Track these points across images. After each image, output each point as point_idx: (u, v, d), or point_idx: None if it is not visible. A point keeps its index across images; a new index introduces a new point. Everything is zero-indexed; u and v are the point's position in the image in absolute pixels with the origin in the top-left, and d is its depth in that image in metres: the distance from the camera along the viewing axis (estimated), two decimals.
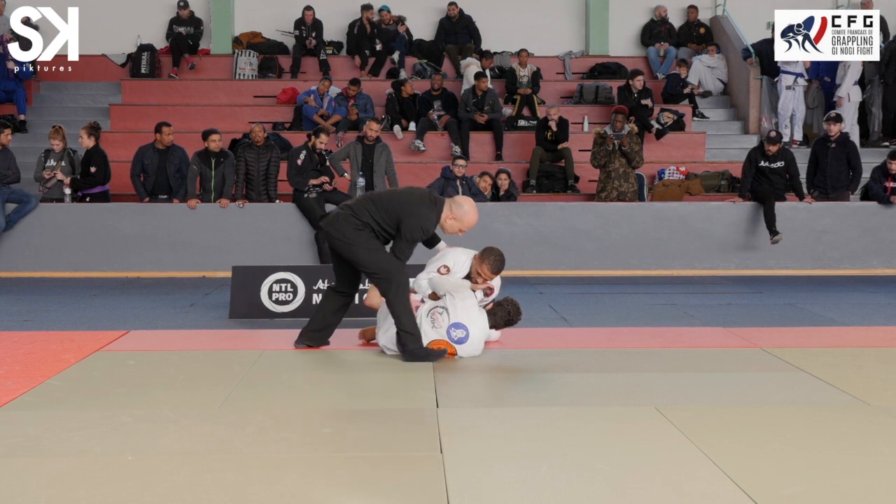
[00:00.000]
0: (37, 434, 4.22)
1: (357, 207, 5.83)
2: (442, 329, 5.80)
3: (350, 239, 5.74)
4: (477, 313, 5.89)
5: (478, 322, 5.87)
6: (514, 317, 6.07)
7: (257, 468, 3.75)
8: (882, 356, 5.99)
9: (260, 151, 11.02)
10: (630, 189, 11.35)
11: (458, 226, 5.83)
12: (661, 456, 3.92)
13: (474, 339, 5.84)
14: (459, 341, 5.81)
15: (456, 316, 5.82)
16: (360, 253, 5.74)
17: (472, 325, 5.83)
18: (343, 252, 5.82)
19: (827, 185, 11.27)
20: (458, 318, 5.81)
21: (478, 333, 5.86)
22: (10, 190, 10.58)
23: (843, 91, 13.18)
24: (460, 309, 5.84)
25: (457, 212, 5.81)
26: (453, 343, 5.80)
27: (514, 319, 6.08)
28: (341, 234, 5.76)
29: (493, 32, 15.57)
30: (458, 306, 5.85)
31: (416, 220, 5.73)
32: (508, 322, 6.08)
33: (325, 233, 5.89)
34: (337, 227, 5.79)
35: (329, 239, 5.88)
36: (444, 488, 3.50)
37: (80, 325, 7.25)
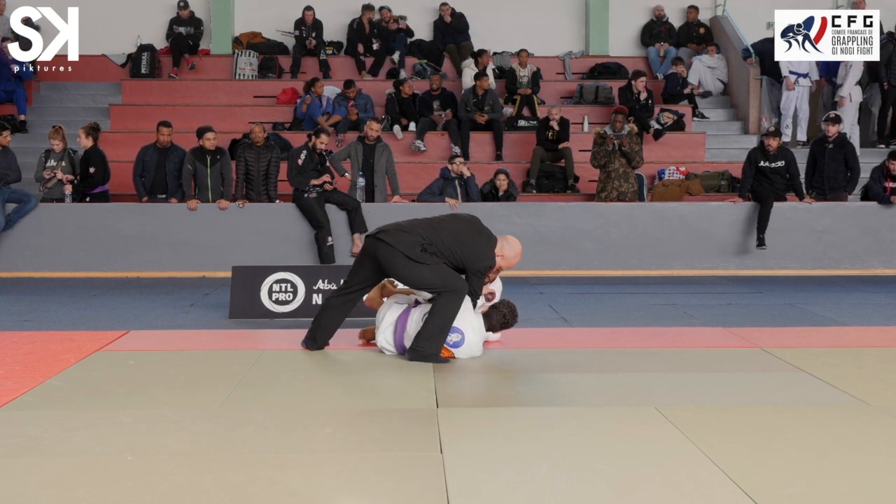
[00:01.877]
0: (37, 434, 4.22)
1: (427, 235, 5.73)
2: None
3: (419, 258, 5.63)
4: (472, 316, 5.88)
5: (473, 324, 5.86)
6: (509, 319, 6.05)
7: (257, 468, 3.75)
8: (882, 356, 5.99)
9: (260, 151, 11.02)
10: (630, 189, 11.35)
11: (502, 263, 5.90)
12: (661, 456, 3.92)
13: (471, 343, 5.84)
14: (455, 345, 5.80)
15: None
16: (426, 272, 5.64)
17: (467, 327, 5.82)
18: (400, 268, 5.67)
19: (824, 185, 11.27)
20: (454, 322, 5.80)
21: (474, 337, 5.85)
22: (10, 190, 10.59)
23: (846, 91, 13.18)
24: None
25: (507, 252, 5.88)
26: (449, 347, 5.80)
27: (509, 322, 6.06)
28: (409, 251, 5.63)
29: (493, 32, 15.57)
30: None
31: (483, 262, 5.80)
32: (504, 325, 6.07)
33: (381, 243, 5.71)
34: (403, 243, 5.66)
35: (383, 250, 5.70)
36: (444, 488, 3.50)
37: (80, 325, 7.25)
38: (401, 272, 5.69)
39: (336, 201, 10.71)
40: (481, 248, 5.78)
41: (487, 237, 5.87)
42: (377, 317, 6.07)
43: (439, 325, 5.65)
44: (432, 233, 5.75)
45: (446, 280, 5.66)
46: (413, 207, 11.10)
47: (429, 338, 5.66)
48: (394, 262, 5.66)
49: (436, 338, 5.67)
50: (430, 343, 5.67)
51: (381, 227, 5.91)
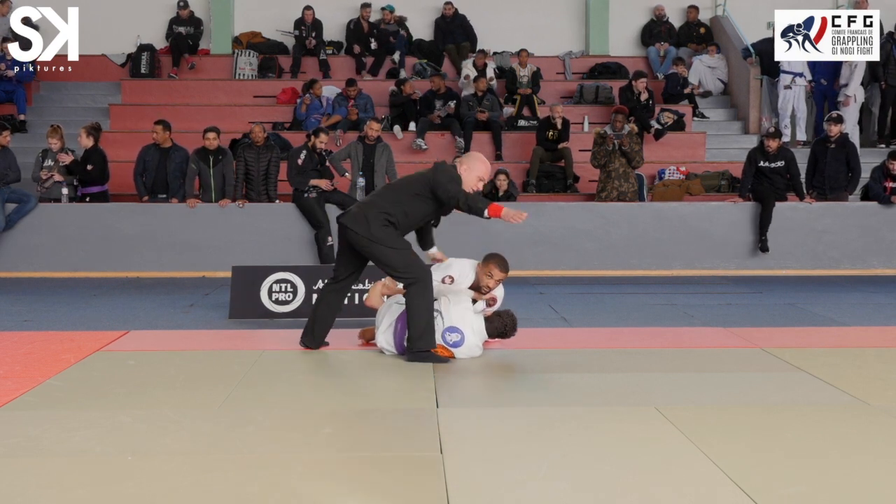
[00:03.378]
0: (37, 434, 4.22)
1: (379, 201, 5.81)
2: (437, 333, 5.79)
3: (377, 237, 5.69)
4: (472, 316, 5.88)
5: (473, 325, 5.85)
6: (508, 331, 6.02)
7: (257, 468, 3.75)
8: (882, 356, 5.99)
9: (260, 151, 11.02)
10: (630, 189, 11.35)
11: (474, 174, 5.84)
12: (661, 456, 3.92)
13: (470, 343, 5.83)
14: (455, 345, 5.80)
15: (450, 320, 5.81)
16: (387, 252, 5.70)
17: (467, 327, 5.82)
18: (366, 249, 5.76)
19: (825, 185, 11.27)
20: (453, 322, 5.80)
21: (473, 338, 5.85)
22: (10, 190, 10.59)
23: (851, 91, 13.18)
24: (454, 312, 5.83)
25: (470, 163, 5.87)
26: (448, 346, 5.80)
27: (507, 334, 6.03)
28: (367, 231, 5.70)
29: (493, 32, 15.56)
30: (452, 310, 5.83)
31: (443, 174, 5.74)
32: (501, 335, 6.03)
33: (346, 229, 5.80)
34: (360, 225, 5.72)
35: (349, 235, 5.79)
36: (444, 488, 3.50)
37: (80, 325, 7.25)
38: (369, 254, 5.79)
39: (335, 201, 10.71)
40: (442, 174, 5.75)
41: (446, 168, 5.85)
42: (377, 317, 6.07)
43: (423, 322, 5.68)
44: (392, 195, 5.84)
45: (409, 267, 5.68)
46: None
47: (419, 337, 5.68)
48: (361, 245, 5.76)
49: (425, 335, 5.69)
50: (422, 341, 5.68)
51: (346, 209, 6.05)
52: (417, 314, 5.68)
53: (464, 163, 5.90)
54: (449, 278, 5.93)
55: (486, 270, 5.96)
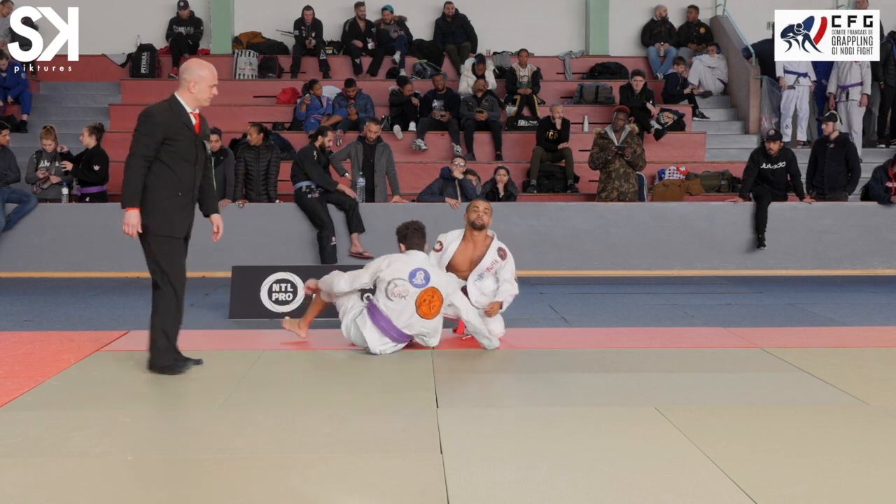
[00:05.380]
0: (37, 434, 4.22)
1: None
2: (402, 296, 5.88)
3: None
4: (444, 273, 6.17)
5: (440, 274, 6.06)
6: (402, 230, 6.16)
7: (257, 468, 3.75)
8: (882, 356, 5.99)
9: (260, 151, 11.01)
10: (630, 189, 11.36)
11: (201, 87, 5.27)
12: (661, 456, 3.92)
13: (439, 281, 5.96)
14: (419, 286, 5.90)
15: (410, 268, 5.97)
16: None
17: (432, 271, 5.99)
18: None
19: (824, 185, 11.28)
20: (415, 266, 5.96)
21: (440, 278, 5.99)
22: (10, 190, 10.59)
23: (867, 88, 13.20)
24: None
25: (188, 77, 5.30)
26: (415, 287, 5.86)
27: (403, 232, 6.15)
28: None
29: (493, 32, 15.56)
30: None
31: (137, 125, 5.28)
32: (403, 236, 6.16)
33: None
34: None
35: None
36: (444, 488, 3.50)
37: (80, 325, 7.25)
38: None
39: (334, 201, 10.71)
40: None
41: (140, 116, 5.41)
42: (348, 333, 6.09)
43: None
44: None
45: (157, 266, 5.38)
46: (413, 207, 11.09)
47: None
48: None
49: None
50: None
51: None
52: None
53: (183, 77, 5.31)
54: (438, 244, 6.46)
55: (471, 209, 6.47)
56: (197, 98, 5.31)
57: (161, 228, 5.25)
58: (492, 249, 6.47)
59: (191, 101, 5.31)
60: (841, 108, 13.22)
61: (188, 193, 5.32)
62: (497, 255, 6.45)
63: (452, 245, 6.50)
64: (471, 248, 6.50)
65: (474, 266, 6.47)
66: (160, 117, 5.22)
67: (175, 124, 5.23)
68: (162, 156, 5.20)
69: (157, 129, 5.18)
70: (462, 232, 6.56)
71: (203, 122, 5.44)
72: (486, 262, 6.44)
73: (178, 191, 5.26)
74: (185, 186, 5.29)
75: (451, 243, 6.51)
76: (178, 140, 5.21)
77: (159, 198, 5.21)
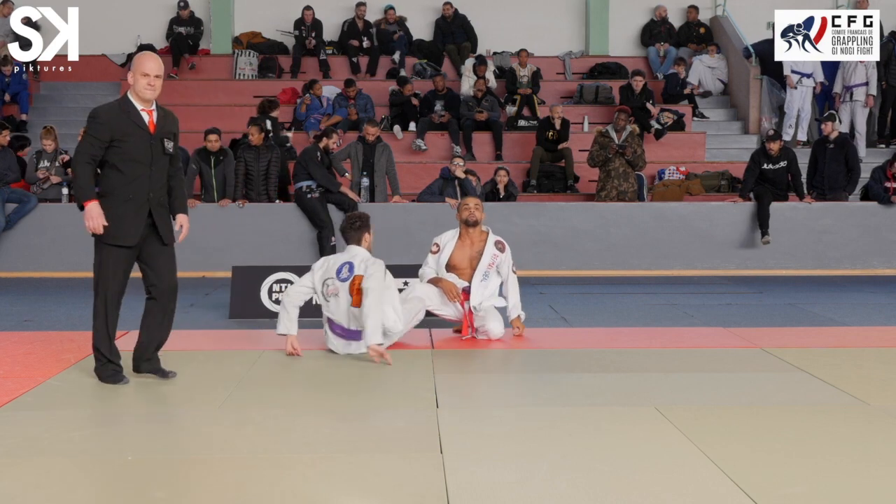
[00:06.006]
0: (37, 434, 4.22)
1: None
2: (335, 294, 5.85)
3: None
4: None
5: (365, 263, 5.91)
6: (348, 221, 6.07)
7: (257, 468, 3.75)
8: (882, 356, 5.99)
9: (259, 151, 11.00)
10: (630, 189, 11.36)
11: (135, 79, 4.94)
12: (661, 456, 3.92)
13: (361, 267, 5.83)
14: (345, 279, 5.82)
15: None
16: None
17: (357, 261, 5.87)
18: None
19: (824, 185, 11.28)
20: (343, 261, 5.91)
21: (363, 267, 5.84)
22: (10, 190, 10.59)
23: (873, 89, 13.20)
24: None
25: (132, 67, 5.04)
26: (342, 281, 5.82)
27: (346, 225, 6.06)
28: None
29: (493, 32, 15.55)
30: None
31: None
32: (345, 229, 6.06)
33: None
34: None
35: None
36: (444, 488, 3.50)
37: (80, 325, 7.24)
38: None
39: (334, 201, 10.71)
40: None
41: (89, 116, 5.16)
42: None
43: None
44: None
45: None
46: (413, 207, 11.10)
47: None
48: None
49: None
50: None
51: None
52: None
53: (132, 71, 5.01)
54: (435, 245, 6.52)
55: (462, 207, 6.57)
56: (135, 92, 4.94)
57: (107, 236, 4.93)
58: (489, 244, 6.49)
59: (135, 97, 4.96)
60: (845, 109, 13.22)
61: (141, 196, 4.97)
62: (496, 248, 6.49)
63: (449, 245, 6.52)
64: (468, 246, 6.52)
65: (475, 264, 6.48)
66: (104, 117, 4.93)
67: (122, 123, 4.91)
68: (111, 157, 4.91)
69: (101, 130, 4.90)
70: (457, 231, 6.61)
71: (163, 120, 5.06)
72: (486, 258, 6.46)
73: (129, 194, 4.94)
74: (138, 189, 4.95)
75: (448, 243, 6.53)
76: (126, 140, 4.90)
77: (108, 203, 4.92)
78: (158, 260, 5.15)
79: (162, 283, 5.16)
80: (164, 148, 5.05)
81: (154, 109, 5.03)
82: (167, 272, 5.18)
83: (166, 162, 5.09)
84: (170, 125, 5.13)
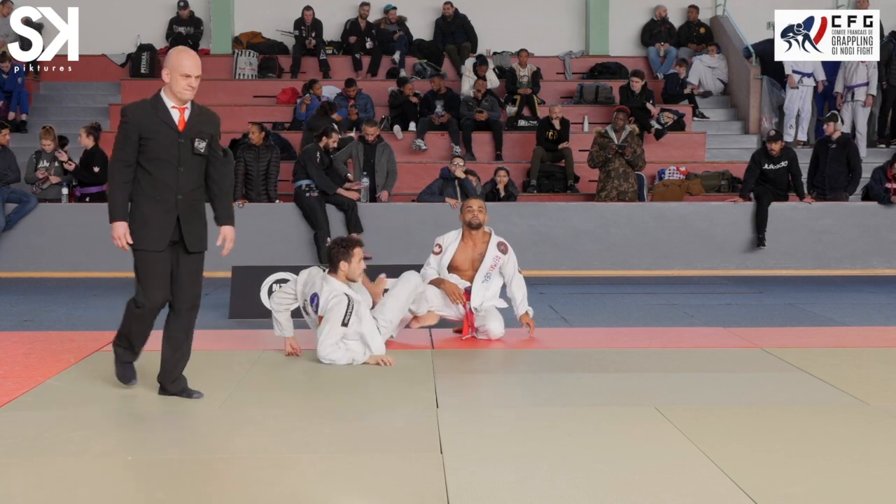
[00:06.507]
0: (37, 434, 4.22)
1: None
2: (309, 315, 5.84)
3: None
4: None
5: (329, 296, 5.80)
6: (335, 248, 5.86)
7: (257, 468, 3.75)
8: (882, 356, 5.99)
9: (259, 151, 11.01)
10: (630, 189, 11.36)
11: (173, 77, 4.71)
12: (661, 456, 3.92)
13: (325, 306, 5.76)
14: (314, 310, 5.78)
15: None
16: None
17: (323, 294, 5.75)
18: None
19: (825, 185, 11.28)
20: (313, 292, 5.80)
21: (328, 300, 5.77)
22: (9, 190, 10.59)
23: (873, 89, 13.20)
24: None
25: (165, 67, 4.78)
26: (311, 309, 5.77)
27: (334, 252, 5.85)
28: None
29: (493, 32, 15.55)
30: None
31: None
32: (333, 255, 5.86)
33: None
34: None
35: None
36: (444, 488, 3.50)
37: (80, 325, 7.25)
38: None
39: (333, 201, 10.71)
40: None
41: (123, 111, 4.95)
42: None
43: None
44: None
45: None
46: (413, 207, 11.10)
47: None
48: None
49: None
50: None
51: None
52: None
53: (166, 67, 4.76)
54: (437, 246, 6.52)
55: (465, 209, 6.57)
56: (171, 90, 4.72)
57: (136, 240, 4.77)
58: (492, 246, 6.50)
59: (170, 94, 4.73)
60: (846, 109, 13.22)
61: (169, 198, 4.72)
62: (498, 250, 6.49)
63: (452, 246, 6.52)
64: (470, 247, 6.53)
65: (476, 265, 6.49)
66: (131, 115, 4.71)
67: (151, 122, 4.68)
68: (140, 158, 4.70)
69: (129, 129, 4.69)
70: (459, 232, 6.60)
71: (196, 118, 4.79)
72: (488, 260, 6.47)
73: (156, 196, 4.72)
74: (164, 191, 4.71)
75: (451, 245, 6.54)
76: (153, 139, 4.67)
77: (136, 205, 4.76)
78: (181, 269, 4.84)
79: (181, 296, 4.85)
80: (195, 148, 4.73)
81: (187, 108, 4.77)
82: (189, 284, 4.87)
83: (199, 163, 4.79)
84: (205, 125, 4.82)
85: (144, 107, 4.76)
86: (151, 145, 4.68)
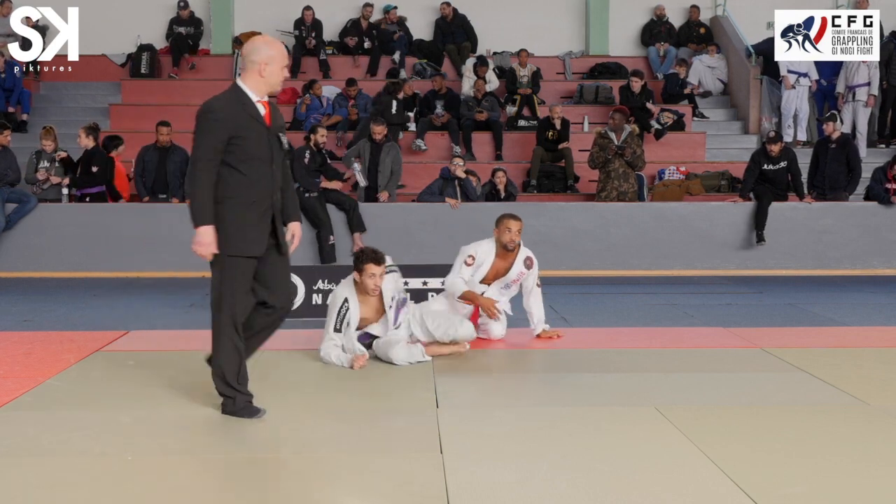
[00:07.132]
0: (37, 434, 4.22)
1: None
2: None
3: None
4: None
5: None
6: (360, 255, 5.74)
7: (258, 468, 3.75)
8: (882, 356, 5.99)
9: None
10: (630, 189, 11.36)
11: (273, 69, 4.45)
12: (661, 456, 3.92)
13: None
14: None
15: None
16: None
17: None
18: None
19: (825, 185, 11.28)
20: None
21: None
22: (10, 190, 10.59)
23: (875, 89, 13.21)
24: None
25: (256, 58, 4.44)
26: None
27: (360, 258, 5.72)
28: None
29: (493, 32, 15.55)
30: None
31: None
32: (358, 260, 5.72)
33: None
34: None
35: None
36: (444, 488, 3.50)
37: (80, 325, 7.25)
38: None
39: (334, 201, 10.72)
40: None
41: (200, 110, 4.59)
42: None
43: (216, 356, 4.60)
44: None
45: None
46: (413, 207, 11.10)
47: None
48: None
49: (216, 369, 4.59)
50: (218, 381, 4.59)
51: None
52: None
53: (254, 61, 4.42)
54: (470, 258, 6.34)
55: (503, 228, 6.36)
56: (269, 83, 4.42)
57: (231, 246, 4.37)
58: (518, 261, 6.44)
59: (260, 87, 4.41)
60: (847, 109, 13.22)
61: (265, 200, 4.42)
62: (524, 265, 6.43)
63: (486, 262, 6.40)
64: (500, 263, 6.49)
65: (500, 275, 6.47)
66: (221, 112, 4.35)
67: (241, 118, 4.36)
68: (229, 158, 4.34)
69: (218, 128, 4.32)
70: (493, 247, 6.45)
71: (275, 111, 4.54)
72: (512, 274, 6.47)
73: (253, 198, 4.38)
74: (262, 191, 4.40)
75: (486, 260, 6.40)
76: (246, 136, 4.34)
77: (229, 208, 4.37)
78: (277, 272, 4.55)
79: (279, 300, 4.58)
80: (282, 143, 4.52)
81: (268, 101, 4.52)
82: (287, 285, 4.68)
83: (284, 160, 4.59)
84: (280, 119, 4.63)
85: (231, 102, 4.41)
86: (244, 144, 4.36)
